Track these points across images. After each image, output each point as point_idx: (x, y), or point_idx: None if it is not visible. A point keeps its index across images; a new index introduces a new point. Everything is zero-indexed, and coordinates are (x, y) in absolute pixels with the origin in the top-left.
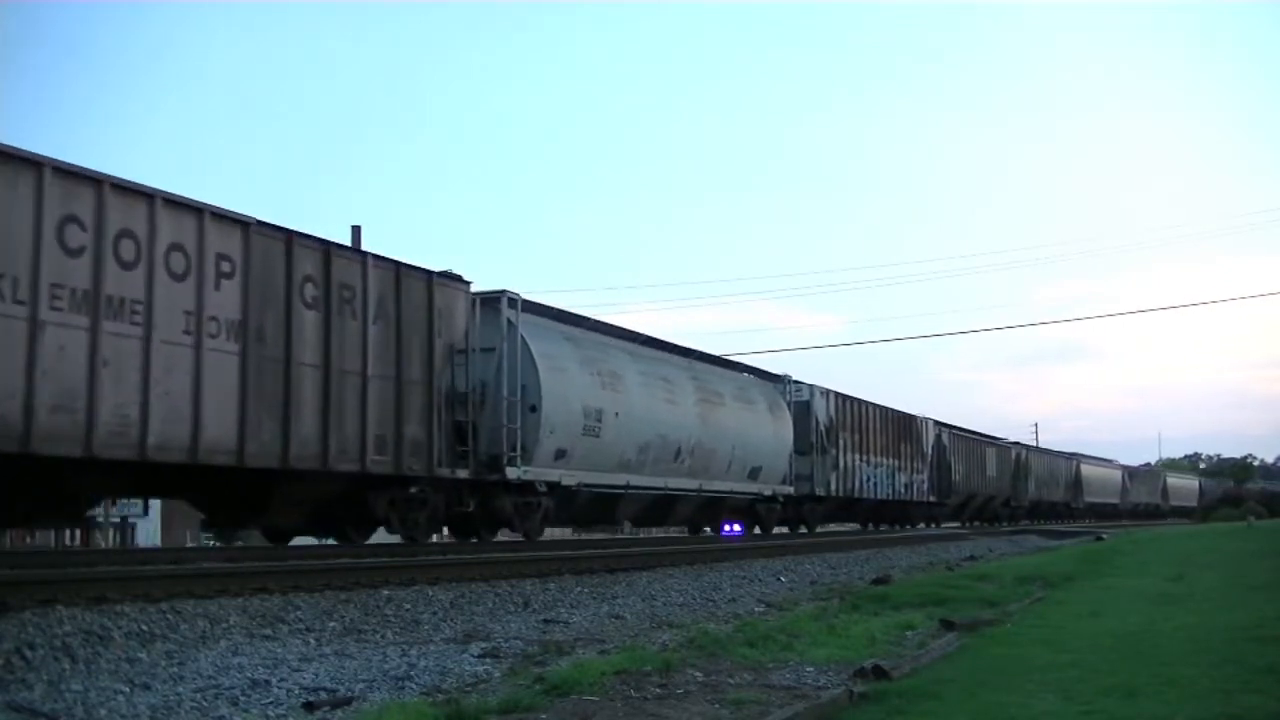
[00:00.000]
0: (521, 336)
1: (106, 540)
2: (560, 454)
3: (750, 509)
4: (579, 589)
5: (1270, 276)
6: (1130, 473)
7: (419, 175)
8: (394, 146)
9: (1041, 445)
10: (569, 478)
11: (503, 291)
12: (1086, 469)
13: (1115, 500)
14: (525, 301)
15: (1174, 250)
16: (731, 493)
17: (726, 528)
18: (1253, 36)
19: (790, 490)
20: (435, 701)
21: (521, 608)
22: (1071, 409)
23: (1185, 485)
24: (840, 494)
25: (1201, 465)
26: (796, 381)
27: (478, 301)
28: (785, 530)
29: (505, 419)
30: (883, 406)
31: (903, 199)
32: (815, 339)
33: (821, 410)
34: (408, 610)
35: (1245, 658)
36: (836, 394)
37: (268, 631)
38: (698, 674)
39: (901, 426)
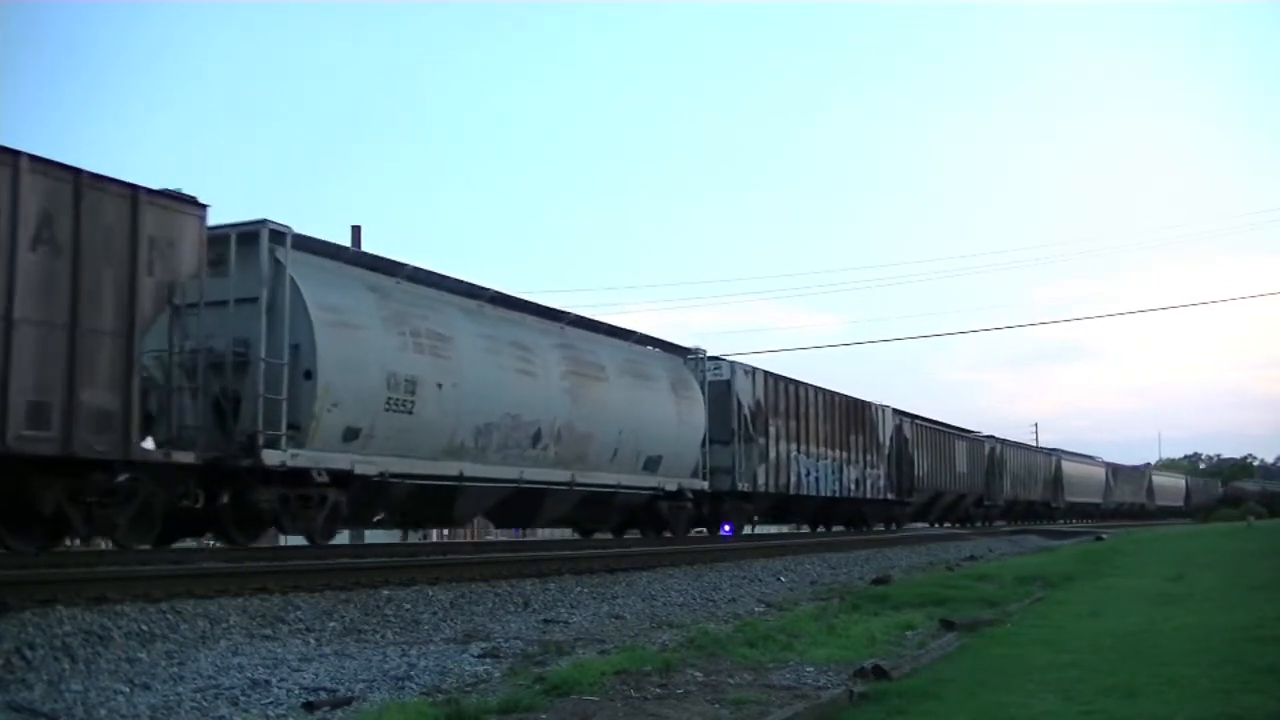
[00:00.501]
0: (291, 280)
1: (106, 540)
2: (351, 434)
3: (650, 507)
4: (579, 589)
5: (1270, 276)
6: (1114, 470)
7: (419, 175)
8: (394, 147)
9: (1016, 440)
10: (366, 465)
11: (263, 221)
12: (1068, 466)
13: (1098, 499)
14: (302, 238)
15: (1174, 250)
16: (620, 487)
17: (727, 527)
18: (1253, 36)
19: (703, 485)
20: (435, 701)
21: (521, 608)
22: (1071, 409)
23: (1171, 485)
24: (772, 490)
25: (1201, 465)
26: (714, 358)
27: (233, 237)
28: (704, 532)
29: (263, 387)
30: (828, 390)
31: (903, 199)
32: (815, 339)
33: (746, 391)
34: (408, 610)
35: (1245, 658)
36: (766, 373)
37: (268, 631)
38: (698, 674)
39: (851, 414)
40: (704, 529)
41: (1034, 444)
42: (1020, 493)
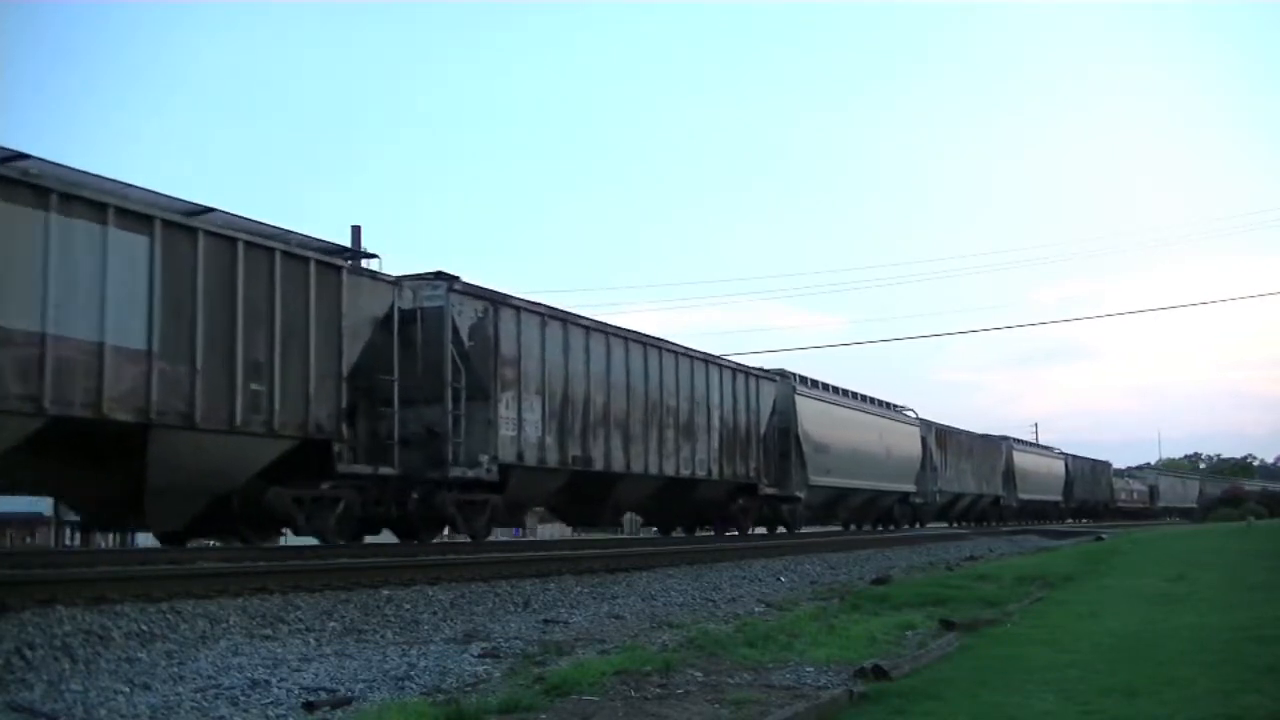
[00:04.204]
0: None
1: (106, 540)
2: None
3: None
4: (579, 589)
5: (1270, 276)
6: (1074, 464)
7: (418, 176)
8: (393, 147)
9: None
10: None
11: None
12: (1021, 458)
13: (1057, 497)
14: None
15: (1174, 250)
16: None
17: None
18: (1253, 36)
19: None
20: (435, 701)
21: (521, 608)
22: (1071, 409)
23: (1133, 486)
24: (540, 463)
25: (1201, 465)
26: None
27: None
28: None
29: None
30: (628, 332)
31: (903, 199)
32: (815, 339)
33: (467, 321)
34: (408, 610)
35: (1245, 658)
36: (495, 295)
37: (268, 631)
38: (698, 674)
39: (679, 368)
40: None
41: (979, 431)
42: (964, 487)
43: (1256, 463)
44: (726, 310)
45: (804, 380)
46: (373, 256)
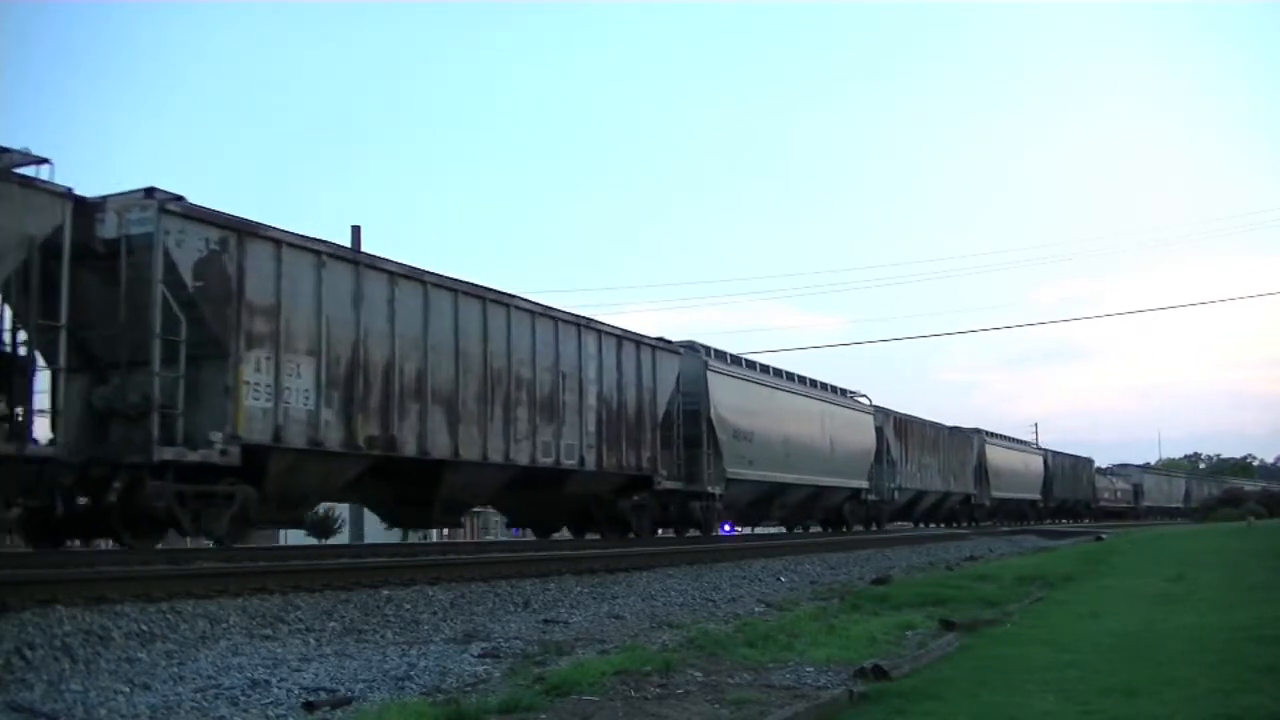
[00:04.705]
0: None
1: (106, 541)
2: None
3: None
4: (579, 589)
5: (1270, 276)
6: (1054, 460)
7: (418, 176)
8: (393, 147)
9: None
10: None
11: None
12: (995, 452)
13: (1035, 495)
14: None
15: (1174, 250)
16: None
17: (728, 527)
18: (1253, 36)
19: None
20: (435, 701)
21: (521, 608)
22: (1071, 409)
23: (1117, 485)
24: (315, 444)
25: (1201, 465)
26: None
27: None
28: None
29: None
30: (458, 282)
31: (903, 199)
32: (815, 339)
33: (190, 255)
34: (408, 610)
35: (1245, 658)
36: (240, 223)
37: (268, 631)
38: (698, 674)
39: (537, 332)
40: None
41: (944, 422)
42: (927, 483)
43: (1256, 463)
44: (726, 310)
45: (720, 355)
46: (42, 162)
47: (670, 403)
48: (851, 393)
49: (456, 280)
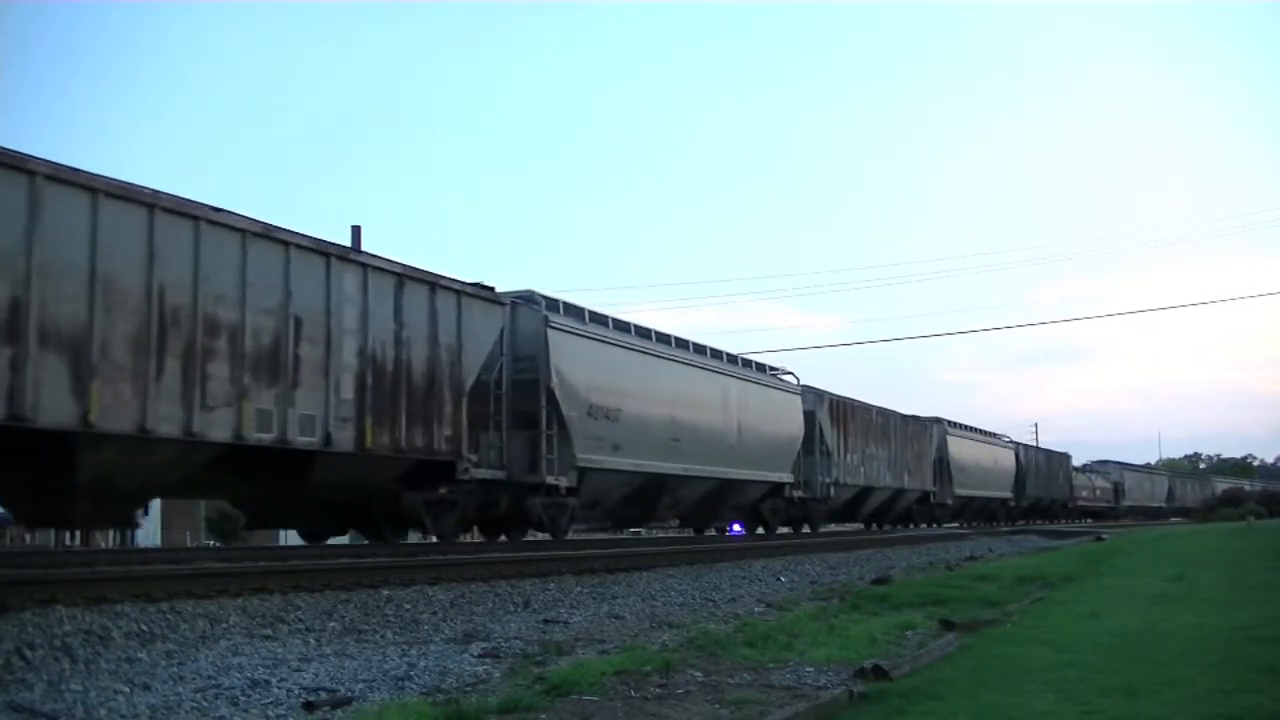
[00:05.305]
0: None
1: (106, 540)
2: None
3: None
4: (579, 589)
5: (1270, 276)
6: (1027, 455)
7: (418, 176)
8: (394, 147)
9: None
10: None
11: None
12: (958, 445)
13: (1005, 494)
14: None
15: (1174, 250)
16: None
17: (736, 527)
18: (1253, 36)
19: None
20: (435, 701)
21: (521, 608)
22: (1071, 409)
23: (1096, 483)
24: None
25: (1201, 465)
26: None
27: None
28: None
29: None
30: (105, 181)
31: (904, 199)
32: (815, 339)
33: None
34: (408, 610)
35: (1245, 658)
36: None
37: (268, 631)
38: (698, 674)
39: (249, 259)
40: None
41: (895, 409)
42: (873, 478)
43: (1256, 463)
44: (726, 310)
45: (572, 310)
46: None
47: (489, 367)
48: (774, 369)
49: (97, 177)
